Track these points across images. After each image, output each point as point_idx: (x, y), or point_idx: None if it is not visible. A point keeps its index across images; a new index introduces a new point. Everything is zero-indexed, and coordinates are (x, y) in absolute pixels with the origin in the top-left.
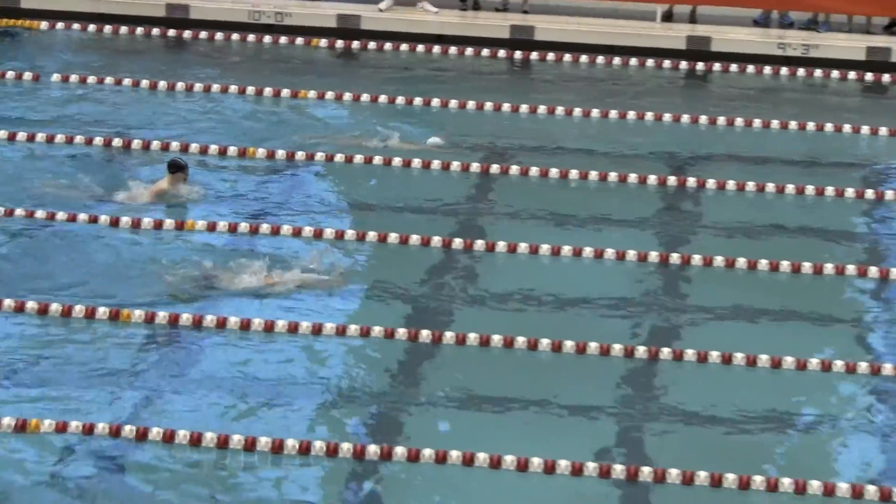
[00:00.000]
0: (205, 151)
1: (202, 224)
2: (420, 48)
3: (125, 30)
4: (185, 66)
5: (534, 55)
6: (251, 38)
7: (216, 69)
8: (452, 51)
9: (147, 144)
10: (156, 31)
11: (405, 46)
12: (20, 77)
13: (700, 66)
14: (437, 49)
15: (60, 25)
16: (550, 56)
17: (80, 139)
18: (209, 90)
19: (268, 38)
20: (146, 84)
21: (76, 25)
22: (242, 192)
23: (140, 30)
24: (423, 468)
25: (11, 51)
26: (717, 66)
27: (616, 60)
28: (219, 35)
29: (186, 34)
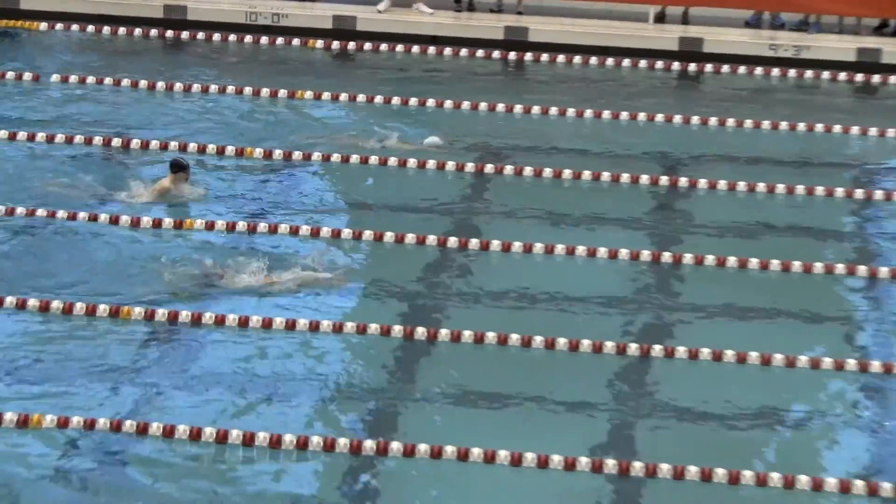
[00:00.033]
0: (203, 151)
1: (201, 223)
2: (415, 49)
3: (123, 31)
4: (183, 67)
5: (528, 56)
6: (248, 39)
7: (214, 70)
8: (447, 52)
9: (146, 144)
10: (154, 32)
11: (401, 47)
12: (20, 77)
13: (692, 67)
14: (433, 50)
15: (60, 26)
16: (544, 57)
17: (80, 139)
18: (207, 90)
19: (265, 39)
20: (145, 84)
21: (75, 26)
22: (240, 192)
23: (138, 31)
24: (419, 463)
25: (11, 51)
26: (709, 67)
27: (609, 61)
28: (216, 36)
29: (184, 35)
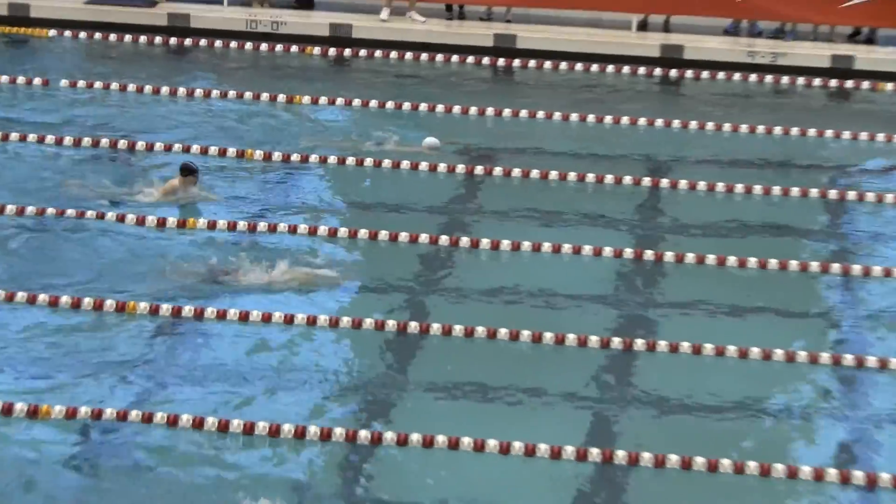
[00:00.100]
0: (205, 153)
1: (203, 222)
2: (408, 55)
3: (129, 38)
4: (186, 73)
5: (516, 62)
6: (248, 46)
7: (215, 75)
8: (439, 58)
9: (150, 146)
10: (158, 40)
11: (394, 54)
12: (30, 82)
13: (673, 73)
14: (425, 56)
15: (68, 34)
16: (532, 63)
17: (88, 141)
18: (209, 95)
19: (264, 46)
20: (149, 89)
21: (83, 34)
22: (240, 192)
23: (143, 38)
24: (411, 451)
25: (22, 57)
26: (690, 73)
27: (594, 67)
28: (218, 43)
29: (187, 42)
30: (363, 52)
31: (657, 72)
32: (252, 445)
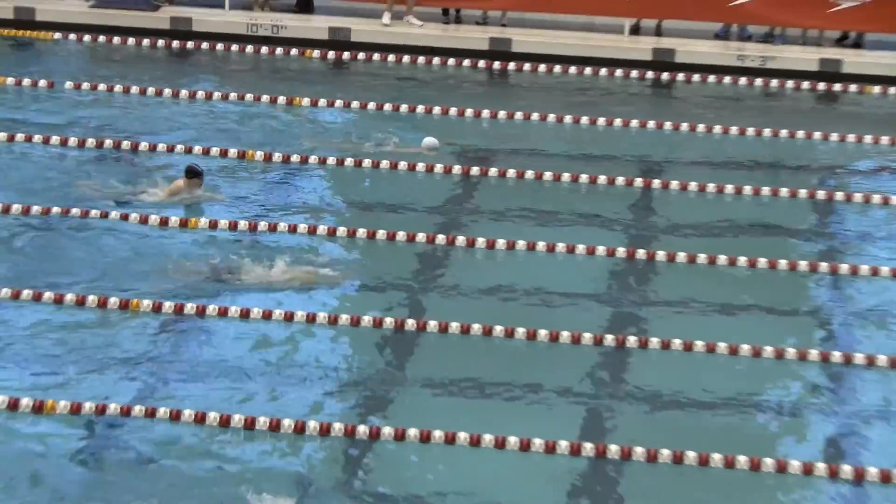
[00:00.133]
0: (206, 154)
1: (205, 221)
2: (406, 59)
3: (132, 41)
4: (189, 75)
5: (511, 65)
6: (249, 49)
7: (217, 78)
8: (436, 61)
9: (153, 147)
10: (161, 43)
11: (392, 57)
12: (36, 84)
13: (665, 76)
14: (422, 60)
15: (73, 37)
16: (527, 66)
17: (92, 142)
18: (211, 97)
19: (265, 49)
20: (152, 91)
21: (87, 37)
22: (241, 193)
23: (146, 41)
24: (409, 446)
25: (27, 60)
26: (681, 77)
27: (587, 70)
28: (219, 46)
29: (189, 45)
30: (361, 56)
31: (649, 75)
32: (253, 440)
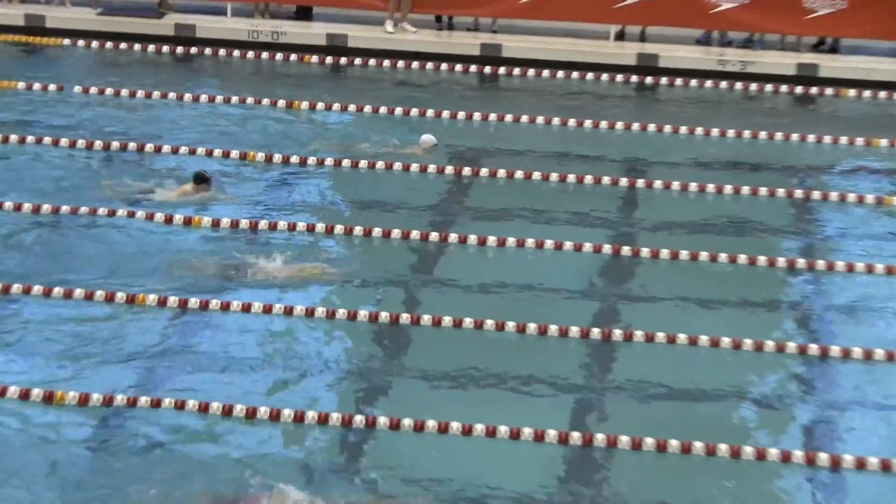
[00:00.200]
0: (209, 155)
1: (208, 221)
2: (400, 64)
3: (138, 47)
4: (192, 80)
5: (501, 70)
6: (250, 55)
7: (219, 82)
8: (429, 66)
9: (158, 149)
10: (165, 48)
11: (387, 62)
12: (46, 88)
13: (649, 80)
14: (416, 65)
15: (81, 43)
16: (516, 71)
17: (99, 144)
18: (213, 101)
19: (265, 55)
20: (157, 95)
21: (95, 43)
22: (242, 193)
23: (152, 47)
24: (404, 435)
25: (38, 65)
26: (664, 80)
27: (574, 75)
28: (222, 52)
29: (193, 51)
30: (358, 61)
31: (634, 79)
32: (254, 428)
